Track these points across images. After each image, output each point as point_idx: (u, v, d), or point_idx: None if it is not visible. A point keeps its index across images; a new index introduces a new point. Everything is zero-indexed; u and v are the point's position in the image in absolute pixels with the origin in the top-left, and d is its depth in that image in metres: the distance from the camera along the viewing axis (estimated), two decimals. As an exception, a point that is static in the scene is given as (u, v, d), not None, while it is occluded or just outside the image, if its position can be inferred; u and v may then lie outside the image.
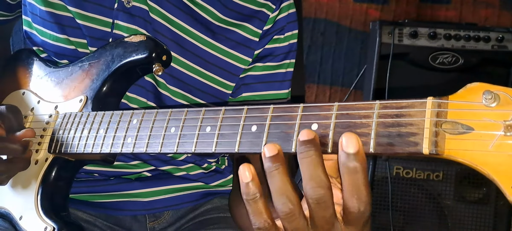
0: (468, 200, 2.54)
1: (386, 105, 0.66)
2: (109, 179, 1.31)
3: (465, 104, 0.60)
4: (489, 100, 0.58)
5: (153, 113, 0.92)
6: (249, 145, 0.77)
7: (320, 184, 0.68)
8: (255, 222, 0.73)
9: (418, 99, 0.63)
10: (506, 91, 0.57)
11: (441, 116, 0.61)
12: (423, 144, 0.61)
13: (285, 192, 0.69)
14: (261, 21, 1.31)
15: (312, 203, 0.69)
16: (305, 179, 0.69)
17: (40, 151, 1.11)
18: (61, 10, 1.25)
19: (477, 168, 0.58)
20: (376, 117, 0.66)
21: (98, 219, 1.32)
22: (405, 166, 2.57)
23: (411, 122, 0.63)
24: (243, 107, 0.79)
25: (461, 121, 0.59)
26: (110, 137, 0.97)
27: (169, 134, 0.87)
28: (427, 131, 0.61)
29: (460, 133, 0.59)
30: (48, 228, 1.02)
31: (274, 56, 1.34)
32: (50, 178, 1.09)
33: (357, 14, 3.24)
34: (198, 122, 0.83)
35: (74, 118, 1.07)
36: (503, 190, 0.55)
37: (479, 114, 0.58)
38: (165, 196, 1.34)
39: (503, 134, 0.56)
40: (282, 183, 0.70)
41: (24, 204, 1.09)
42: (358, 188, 0.67)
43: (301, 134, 0.69)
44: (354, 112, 0.68)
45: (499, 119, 0.57)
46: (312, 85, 3.27)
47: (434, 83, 2.64)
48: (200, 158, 1.39)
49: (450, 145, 0.60)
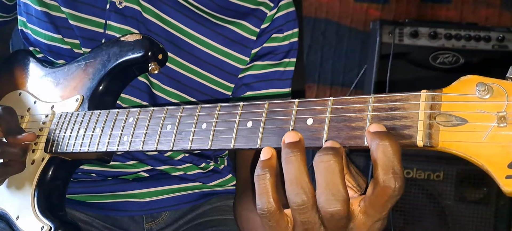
0: (469, 200, 2.54)
1: (380, 99, 0.66)
2: (106, 179, 1.31)
3: (458, 97, 0.60)
4: (482, 92, 0.58)
5: (149, 111, 0.92)
6: (245, 140, 0.76)
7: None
8: (259, 202, 0.69)
9: (412, 93, 0.64)
10: (499, 83, 0.58)
11: (435, 108, 0.61)
12: (418, 136, 0.61)
13: (300, 181, 0.66)
14: (259, 19, 1.31)
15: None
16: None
17: (36, 151, 1.11)
18: (55, 10, 1.25)
19: (471, 159, 0.58)
20: (371, 111, 0.66)
21: (95, 220, 1.32)
22: (405, 166, 2.56)
23: (405, 114, 0.63)
24: (239, 104, 0.79)
25: (454, 113, 0.60)
26: (106, 135, 0.97)
27: (165, 131, 0.87)
28: (421, 123, 0.61)
29: (454, 124, 0.59)
30: (44, 227, 1.02)
31: (274, 55, 1.33)
32: (47, 177, 1.09)
33: (357, 13, 3.24)
34: (194, 118, 0.83)
35: (71, 117, 1.07)
36: (497, 180, 0.55)
37: (473, 106, 0.59)
38: (163, 197, 1.33)
39: (496, 125, 0.57)
40: (299, 171, 0.66)
41: (21, 204, 1.09)
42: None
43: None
44: (349, 106, 0.68)
45: (493, 110, 0.57)
46: (312, 85, 3.28)
47: (435, 83, 2.63)
48: (197, 158, 1.38)
49: (444, 137, 0.60)
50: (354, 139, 0.67)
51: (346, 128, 0.67)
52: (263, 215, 0.70)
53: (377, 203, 0.65)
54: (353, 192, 0.74)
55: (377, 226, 0.69)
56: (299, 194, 0.66)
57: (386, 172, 0.62)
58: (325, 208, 0.65)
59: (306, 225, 0.69)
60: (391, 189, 0.62)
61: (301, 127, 0.71)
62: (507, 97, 0.57)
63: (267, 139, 0.74)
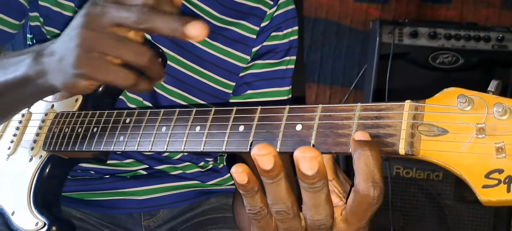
0: (468, 200, 2.54)
1: (366, 108, 0.68)
2: (103, 177, 1.32)
3: (440, 108, 0.62)
4: (464, 104, 0.60)
5: (146, 113, 0.93)
6: (236, 144, 0.78)
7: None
8: (250, 208, 0.71)
9: (396, 102, 0.66)
10: (480, 95, 0.60)
11: (418, 118, 0.63)
12: (400, 144, 0.64)
13: (281, 198, 0.68)
14: (258, 17, 1.32)
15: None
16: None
17: (35, 148, 1.13)
18: (69, 11, 1.25)
19: (450, 168, 0.60)
20: (357, 119, 0.68)
21: (92, 217, 1.32)
22: (405, 165, 2.57)
23: (389, 123, 0.65)
24: (233, 108, 0.81)
25: (436, 123, 0.62)
26: (103, 135, 0.98)
27: (160, 133, 0.88)
28: (403, 132, 0.63)
29: (435, 135, 0.61)
30: (39, 223, 1.04)
31: (274, 53, 1.34)
32: (44, 175, 1.10)
33: (357, 13, 3.24)
34: (189, 121, 0.85)
35: (69, 116, 1.09)
36: (474, 189, 0.57)
37: (454, 117, 0.61)
38: (161, 194, 1.34)
39: (475, 136, 0.59)
40: (279, 191, 0.67)
41: (17, 200, 1.10)
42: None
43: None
44: (337, 114, 0.70)
45: (472, 122, 0.59)
46: (313, 85, 3.28)
47: (434, 83, 2.64)
48: (196, 157, 1.39)
49: (425, 146, 0.62)
50: (340, 145, 0.68)
51: (333, 134, 0.69)
52: (254, 217, 0.72)
53: (357, 211, 0.67)
54: (339, 199, 0.76)
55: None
56: (280, 207, 0.68)
57: (366, 180, 0.64)
58: (311, 225, 0.69)
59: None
60: (370, 197, 0.64)
61: (290, 132, 0.73)
62: (486, 110, 0.59)
63: (257, 143, 0.76)
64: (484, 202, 0.56)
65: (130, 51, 0.77)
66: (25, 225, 1.06)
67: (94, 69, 0.78)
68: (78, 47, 0.77)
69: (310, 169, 0.62)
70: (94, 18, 0.78)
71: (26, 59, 0.88)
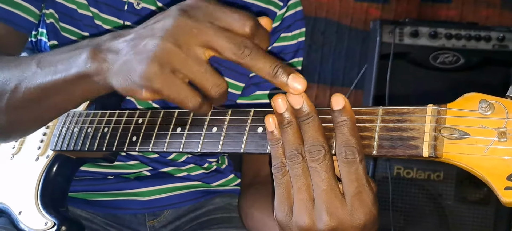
0: (469, 200, 2.55)
1: (388, 111, 0.70)
2: (107, 178, 1.31)
3: (462, 112, 0.64)
4: (485, 109, 0.62)
5: (160, 113, 0.93)
6: (254, 146, 0.80)
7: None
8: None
9: (418, 106, 0.68)
10: (500, 101, 0.62)
11: (440, 122, 0.65)
12: (423, 147, 0.66)
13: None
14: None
15: None
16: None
17: (41, 148, 1.13)
18: (83, 8, 1.25)
19: (472, 171, 0.62)
20: (379, 122, 0.70)
21: (96, 217, 1.32)
22: (405, 166, 2.58)
23: (412, 126, 0.67)
24: (250, 110, 0.82)
25: (458, 127, 0.64)
26: (115, 135, 0.98)
27: (175, 133, 0.89)
28: (427, 135, 0.66)
29: (457, 138, 0.63)
30: (48, 223, 1.04)
31: (283, 55, 1.34)
32: (51, 174, 1.10)
33: (357, 13, 3.24)
34: (205, 122, 0.86)
35: (78, 116, 1.08)
36: (496, 191, 0.59)
37: (475, 122, 0.63)
38: (165, 195, 1.34)
39: (497, 139, 0.61)
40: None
41: (24, 199, 1.10)
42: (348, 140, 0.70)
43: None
44: (359, 117, 0.72)
45: (494, 126, 0.62)
46: (313, 85, 3.28)
47: (435, 83, 2.65)
48: (200, 158, 1.39)
49: (448, 149, 0.64)
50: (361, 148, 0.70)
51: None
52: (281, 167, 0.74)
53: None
54: None
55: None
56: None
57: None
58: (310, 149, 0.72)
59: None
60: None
61: None
62: (507, 115, 0.61)
63: None
64: (506, 204, 0.59)
65: (212, 82, 0.70)
66: (34, 224, 1.06)
67: (165, 86, 0.69)
68: (154, 60, 0.69)
69: (297, 103, 0.72)
70: (184, 33, 0.70)
71: (81, 55, 0.81)
